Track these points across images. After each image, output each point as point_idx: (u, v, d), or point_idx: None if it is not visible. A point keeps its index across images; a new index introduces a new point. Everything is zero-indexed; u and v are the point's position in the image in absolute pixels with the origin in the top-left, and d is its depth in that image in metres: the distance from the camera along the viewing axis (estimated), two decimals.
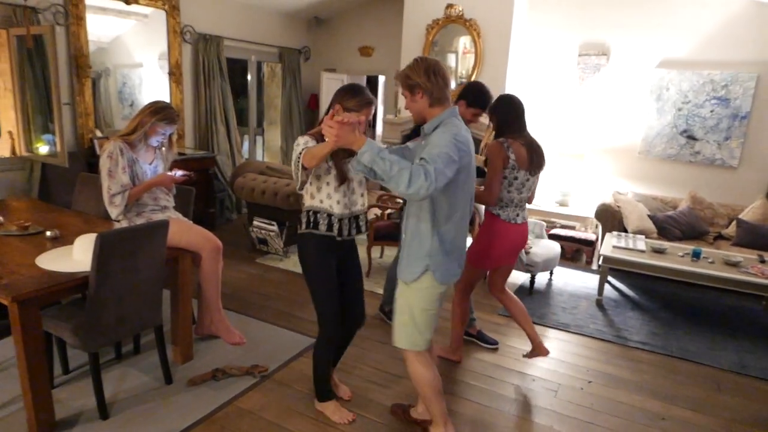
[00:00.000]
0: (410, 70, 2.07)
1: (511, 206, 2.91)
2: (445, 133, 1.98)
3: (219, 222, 6.01)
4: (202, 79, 5.92)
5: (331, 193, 2.32)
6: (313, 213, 2.35)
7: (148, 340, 3.13)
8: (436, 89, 2.05)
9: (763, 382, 3.27)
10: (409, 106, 2.13)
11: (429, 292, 2.16)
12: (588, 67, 5.85)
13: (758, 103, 5.23)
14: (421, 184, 1.78)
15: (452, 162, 1.90)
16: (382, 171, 1.82)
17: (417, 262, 2.13)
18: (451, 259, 2.16)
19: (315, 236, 2.35)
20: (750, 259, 4.27)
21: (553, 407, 2.87)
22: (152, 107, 2.86)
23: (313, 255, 2.38)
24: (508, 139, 2.83)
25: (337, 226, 2.34)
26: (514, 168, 2.83)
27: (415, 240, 2.14)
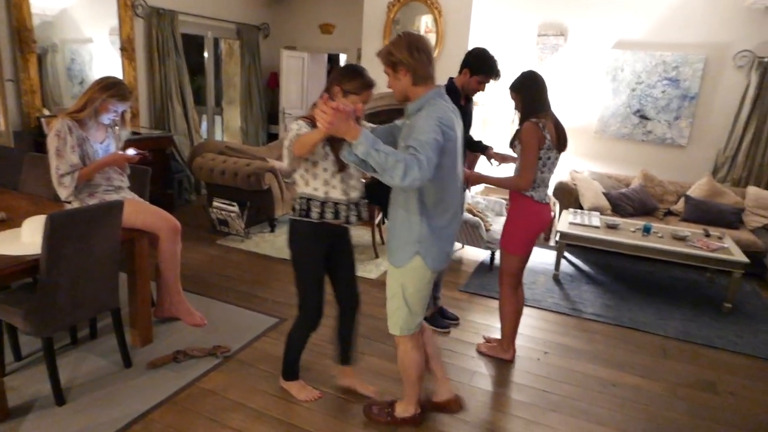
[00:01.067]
0: (393, 45, 1.97)
1: (542, 186, 2.85)
2: (429, 117, 1.91)
3: (178, 203, 5.87)
4: (156, 56, 5.71)
5: (328, 179, 2.24)
6: (306, 200, 2.26)
7: (105, 325, 3.06)
8: (420, 66, 1.96)
9: (706, 347, 3.47)
10: (391, 85, 2.04)
11: (420, 273, 2.12)
12: (546, 47, 5.94)
13: (706, 84, 5.44)
14: (416, 175, 1.75)
15: (438, 147, 1.86)
16: (376, 163, 1.77)
17: (407, 247, 2.08)
18: (441, 245, 2.12)
19: (306, 224, 2.27)
20: (696, 234, 4.48)
21: (512, 378, 2.97)
22: (102, 83, 2.75)
23: (303, 243, 2.32)
24: (540, 119, 2.73)
25: (333, 210, 2.26)
26: (549, 148, 2.74)
27: (404, 226, 2.09)
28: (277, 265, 4.35)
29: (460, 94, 3.09)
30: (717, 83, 5.42)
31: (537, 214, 2.87)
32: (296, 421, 2.44)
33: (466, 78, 3.00)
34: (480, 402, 2.71)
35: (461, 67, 3.04)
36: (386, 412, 2.45)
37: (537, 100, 2.78)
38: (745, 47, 5.22)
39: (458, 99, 3.08)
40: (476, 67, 2.95)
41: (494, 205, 5.12)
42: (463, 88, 3.06)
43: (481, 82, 3.00)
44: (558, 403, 2.75)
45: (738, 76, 5.32)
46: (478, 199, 5.14)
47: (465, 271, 4.55)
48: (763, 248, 4.67)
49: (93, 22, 5.28)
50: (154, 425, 2.34)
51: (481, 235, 4.41)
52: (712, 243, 4.20)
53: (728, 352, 3.43)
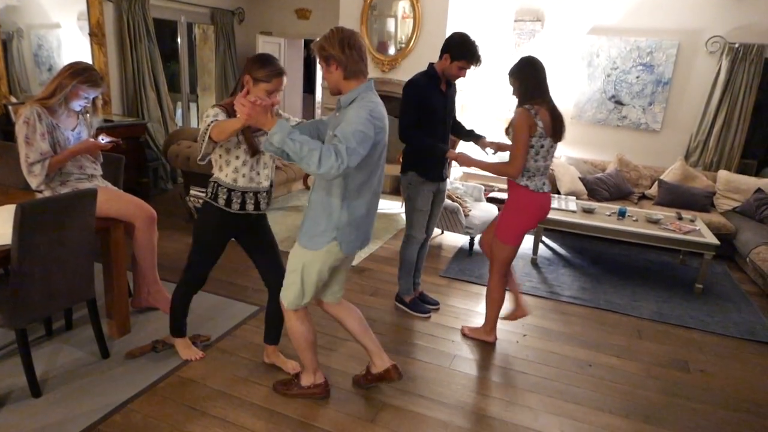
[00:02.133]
0: (325, 40, 2.04)
1: (538, 175, 2.81)
2: (360, 109, 1.98)
3: (153, 192, 5.78)
4: (127, 42, 5.56)
5: (238, 166, 2.35)
6: (216, 185, 2.38)
7: (81, 316, 3.01)
8: (351, 62, 2.02)
9: (679, 327, 3.57)
10: (325, 77, 2.12)
11: (327, 257, 2.17)
12: (524, 32, 5.96)
13: (679, 69, 5.53)
14: (332, 164, 1.82)
15: (367, 139, 1.93)
16: (292, 152, 1.85)
17: (324, 233, 2.13)
18: (358, 233, 2.19)
19: (214, 208, 2.40)
20: (669, 217, 4.58)
21: (491, 360, 3.01)
22: (72, 69, 2.67)
23: (206, 225, 2.46)
24: (534, 106, 2.69)
25: (239, 200, 2.37)
26: (541, 136, 2.70)
27: (324, 212, 2.13)
28: None
29: (440, 80, 3.08)
30: (689, 69, 5.52)
31: (534, 203, 2.86)
32: (278, 408, 2.45)
33: (447, 63, 2.97)
34: (460, 385, 2.75)
35: (441, 53, 3.01)
36: (294, 383, 2.54)
37: (533, 87, 2.73)
38: (717, 33, 5.32)
39: (438, 84, 3.09)
40: (457, 52, 2.92)
41: (473, 191, 5.16)
42: (444, 73, 3.04)
43: (462, 68, 2.97)
44: (536, 383, 2.81)
45: (710, 62, 5.43)
46: (457, 185, 5.16)
47: (444, 256, 4.59)
48: (733, 230, 4.80)
49: (60, 7, 5.12)
50: (134, 415, 2.32)
51: (459, 221, 4.44)
52: (685, 226, 4.30)
53: (700, 332, 3.53)
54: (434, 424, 2.42)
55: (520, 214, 2.88)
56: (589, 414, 2.58)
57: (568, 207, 4.64)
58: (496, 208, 5.03)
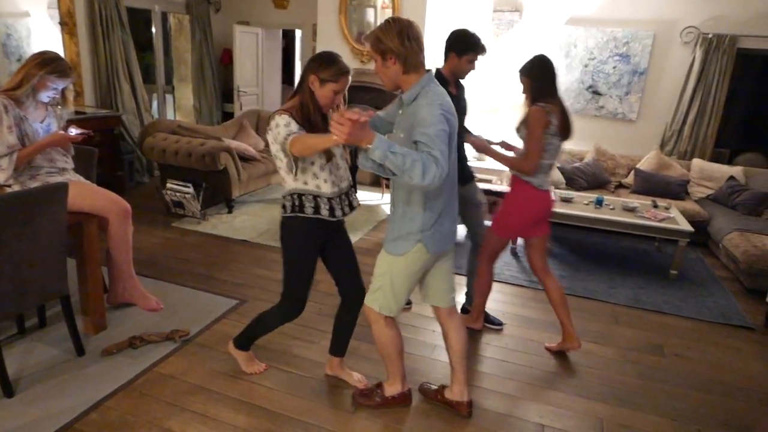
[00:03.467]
0: (382, 32, 1.88)
1: (542, 173, 2.77)
2: (431, 106, 1.85)
3: (129, 186, 5.67)
4: (99, 31, 5.42)
5: (317, 172, 2.15)
6: (298, 196, 2.17)
7: (55, 313, 2.94)
8: (412, 55, 1.88)
9: (654, 313, 3.64)
10: (379, 72, 1.96)
11: (416, 257, 2.08)
12: (502, 23, 5.97)
13: (654, 59, 5.60)
14: (435, 173, 1.71)
15: (446, 135, 1.83)
16: (394, 166, 1.71)
17: (409, 236, 2.04)
18: (443, 229, 2.10)
19: (301, 219, 2.19)
20: (645, 205, 4.66)
21: (472, 349, 3.03)
22: (39, 58, 2.59)
23: (297, 239, 2.25)
24: (548, 104, 2.68)
25: (328, 206, 2.18)
26: (554, 134, 2.69)
27: (406, 216, 2.04)
28: (235, 247, 4.27)
29: (449, 83, 2.97)
30: (665, 59, 5.59)
31: (535, 200, 2.82)
32: (258, 402, 2.43)
33: (455, 62, 2.90)
34: (441, 374, 2.76)
35: (446, 54, 2.94)
36: (376, 393, 2.44)
37: (546, 86, 2.72)
38: (691, 23, 5.39)
39: (447, 87, 2.96)
40: (461, 47, 2.87)
41: None
42: (454, 73, 2.95)
43: (471, 61, 2.90)
44: (515, 371, 2.84)
45: (684, 52, 5.50)
46: None
47: None
48: (706, 217, 4.90)
49: None
50: (111, 413, 2.29)
51: None
52: (660, 213, 4.38)
53: (674, 317, 3.61)
54: (416, 414, 2.43)
55: (520, 210, 2.85)
56: (568, 400, 2.62)
57: None
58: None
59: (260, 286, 3.60)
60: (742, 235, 4.29)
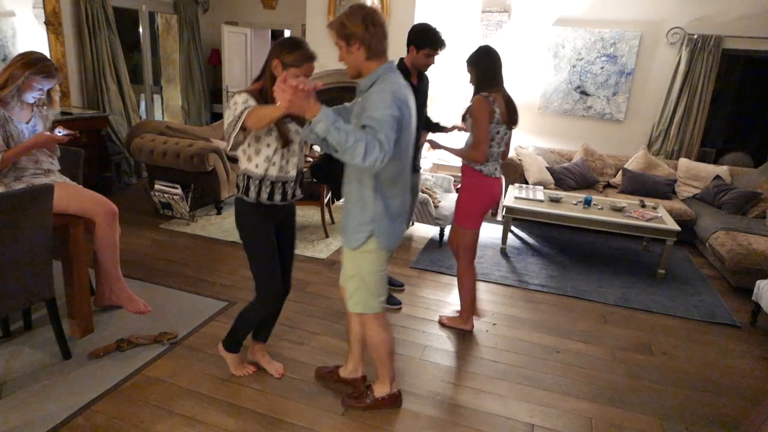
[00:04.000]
0: (347, 17, 1.88)
1: (491, 160, 2.89)
2: (384, 92, 1.85)
3: (117, 187, 5.62)
4: (86, 31, 5.36)
5: (269, 155, 2.17)
6: (246, 177, 2.21)
7: (41, 316, 2.91)
8: (375, 41, 1.89)
9: (642, 312, 3.67)
10: (343, 58, 1.96)
11: (376, 255, 2.10)
12: (491, 23, 5.98)
13: (641, 60, 5.65)
14: (377, 155, 1.72)
15: (395, 122, 1.82)
16: (336, 142, 1.71)
17: (361, 227, 2.05)
18: (397, 223, 2.10)
19: (248, 204, 2.23)
20: (633, 205, 4.70)
21: (461, 350, 3.04)
22: (24, 59, 2.55)
23: (248, 220, 2.26)
24: (491, 93, 2.77)
25: (268, 190, 2.21)
26: (498, 122, 2.79)
27: (357, 205, 2.05)
28: (224, 248, 4.25)
29: (410, 73, 3.10)
30: (651, 59, 5.64)
31: (487, 187, 2.94)
32: (247, 404, 2.42)
33: (414, 54, 3.03)
34: (431, 375, 2.76)
35: (407, 46, 3.06)
36: (366, 395, 2.43)
37: (489, 75, 2.83)
38: (677, 24, 5.44)
39: (409, 78, 3.08)
40: (420, 41, 2.97)
41: (443, 182, 5.18)
42: (414, 65, 3.08)
43: (429, 55, 3.00)
44: (505, 371, 2.85)
45: (670, 53, 5.55)
46: (426, 176, 5.17)
47: (415, 247, 4.60)
48: (693, 217, 4.95)
49: None
50: (98, 417, 2.26)
51: (430, 212, 4.46)
52: (647, 213, 4.41)
53: (662, 315, 3.64)
54: (405, 415, 2.43)
55: (474, 198, 2.96)
56: (557, 399, 2.63)
57: (535, 196, 4.70)
58: None
59: (249, 288, 3.55)
60: (728, 234, 4.34)
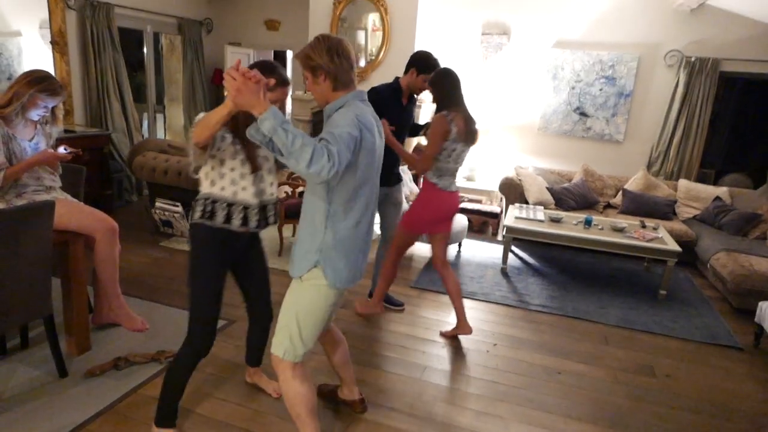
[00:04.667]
0: (311, 49, 1.83)
1: (447, 175, 3.07)
2: (347, 113, 1.80)
3: (118, 205, 5.62)
4: (91, 50, 5.43)
5: (236, 179, 2.06)
6: (211, 202, 2.07)
7: (38, 333, 2.89)
8: (341, 72, 1.83)
9: (644, 333, 3.64)
10: (310, 89, 1.90)
11: (323, 291, 1.91)
12: (491, 45, 6.06)
13: (640, 82, 5.71)
14: (323, 164, 1.60)
15: (353, 141, 1.73)
16: (282, 144, 1.59)
17: (307, 255, 1.90)
18: (347, 262, 1.91)
19: (208, 228, 2.07)
20: (633, 225, 4.69)
21: (461, 370, 3.01)
22: (29, 77, 2.58)
23: (203, 249, 2.09)
24: (450, 113, 2.93)
25: (242, 215, 2.08)
26: (455, 140, 2.94)
27: (308, 230, 1.91)
28: None
29: (403, 92, 3.30)
30: (650, 81, 5.70)
31: (439, 200, 3.11)
32: (245, 425, 2.38)
33: (413, 77, 3.22)
34: (430, 396, 2.73)
35: (407, 68, 3.25)
36: None
37: (448, 96, 3.00)
38: (674, 47, 5.51)
39: (399, 97, 3.31)
40: (422, 67, 3.17)
41: None
42: (409, 86, 3.28)
43: (427, 81, 3.17)
44: (506, 392, 2.82)
45: (668, 75, 5.62)
46: None
47: (415, 267, 4.59)
48: (694, 237, 4.95)
49: (21, 15, 4.98)
50: None
51: None
52: (648, 233, 4.41)
53: (664, 337, 3.61)
54: None
55: (424, 207, 3.14)
56: (559, 421, 2.60)
57: (536, 216, 4.70)
58: (465, 219, 5.08)
59: None
60: (729, 255, 4.33)
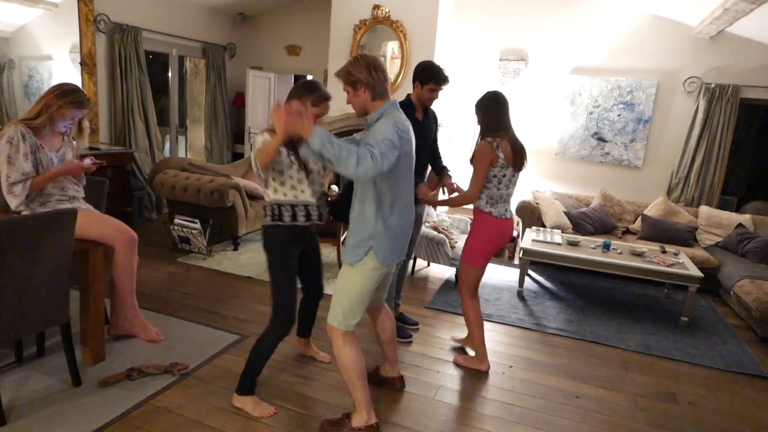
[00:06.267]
0: (352, 66, 2.16)
1: (501, 202, 2.99)
2: (387, 122, 2.11)
3: (138, 222, 5.71)
4: (118, 72, 5.61)
5: (295, 184, 2.44)
6: (278, 206, 2.44)
7: (54, 343, 2.91)
8: (378, 83, 2.16)
9: (665, 360, 3.54)
10: (351, 101, 2.22)
11: (371, 273, 2.25)
12: (508, 71, 6.12)
13: (658, 108, 5.69)
14: (369, 165, 1.92)
15: (394, 147, 2.04)
16: (331, 155, 1.92)
17: (361, 243, 2.22)
18: (396, 243, 2.28)
19: (280, 228, 2.45)
20: (653, 250, 4.62)
21: (476, 391, 2.95)
22: (59, 89, 2.67)
23: (278, 246, 2.46)
24: (496, 138, 2.89)
25: (304, 212, 2.47)
26: (503, 166, 2.89)
27: (360, 223, 2.23)
28: (239, 283, 4.25)
29: (415, 108, 3.24)
30: (669, 108, 5.68)
31: (496, 228, 3.01)
32: None
33: (419, 90, 3.18)
34: (444, 416, 2.68)
35: (413, 82, 3.21)
36: (343, 423, 2.40)
37: (494, 119, 2.95)
38: (694, 74, 5.50)
39: (413, 112, 3.25)
40: (424, 77, 3.13)
41: (459, 223, 5.17)
42: (419, 99, 3.23)
43: (433, 90, 3.15)
44: (522, 415, 2.74)
45: (688, 101, 5.59)
46: (443, 217, 5.18)
47: (431, 288, 4.55)
48: (716, 264, 4.84)
49: (53, 40, 5.17)
50: None
51: (446, 252, 4.43)
52: (668, 259, 4.33)
53: (687, 364, 3.50)
54: None
55: (483, 239, 3.03)
56: None
57: (553, 239, 4.66)
58: None
59: (262, 322, 3.50)
60: (753, 283, 4.22)
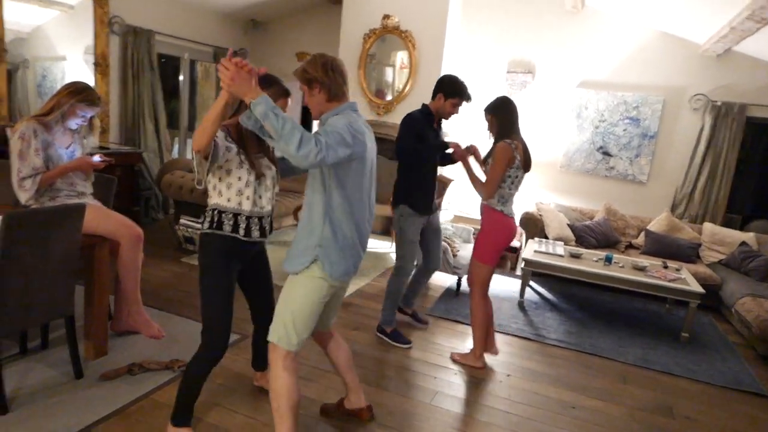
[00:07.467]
0: (308, 64, 2.02)
1: (510, 202, 3.13)
2: (340, 120, 1.96)
3: (144, 221, 5.77)
4: (130, 73, 5.70)
5: (242, 188, 2.16)
6: (218, 212, 2.16)
7: (58, 336, 2.95)
8: (335, 85, 2.01)
9: (664, 374, 3.53)
10: (307, 101, 2.07)
11: (318, 284, 2.03)
12: (515, 83, 6.17)
13: (664, 124, 5.72)
14: (311, 148, 1.74)
15: (344, 143, 1.87)
16: (273, 127, 1.73)
17: (306, 252, 2.02)
18: (345, 255, 2.04)
19: (218, 237, 2.16)
20: (655, 265, 4.62)
21: (473, 398, 2.96)
22: (71, 87, 2.74)
23: (213, 257, 2.17)
24: (513, 141, 3.00)
25: (244, 225, 2.18)
26: (518, 168, 3.03)
27: (306, 229, 2.04)
28: None
29: (434, 118, 3.32)
30: (674, 124, 5.70)
31: (505, 225, 3.13)
32: None
33: (441, 102, 3.24)
34: (440, 422, 2.69)
35: (434, 93, 3.27)
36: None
37: (511, 123, 3.06)
38: (700, 91, 5.53)
39: (432, 121, 3.34)
40: (450, 91, 3.20)
41: (462, 232, 5.19)
42: (438, 111, 3.30)
43: (455, 105, 3.23)
44: (518, 423, 2.75)
45: (693, 118, 5.61)
46: (446, 226, 5.20)
47: (432, 295, 4.57)
48: (719, 282, 4.83)
49: (68, 41, 5.28)
50: None
51: (448, 260, 4.45)
52: (670, 274, 4.33)
53: (685, 379, 3.49)
54: None
55: (495, 236, 3.13)
56: None
57: (555, 251, 4.67)
58: None
59: None
60: (755, 300, 4.21)
